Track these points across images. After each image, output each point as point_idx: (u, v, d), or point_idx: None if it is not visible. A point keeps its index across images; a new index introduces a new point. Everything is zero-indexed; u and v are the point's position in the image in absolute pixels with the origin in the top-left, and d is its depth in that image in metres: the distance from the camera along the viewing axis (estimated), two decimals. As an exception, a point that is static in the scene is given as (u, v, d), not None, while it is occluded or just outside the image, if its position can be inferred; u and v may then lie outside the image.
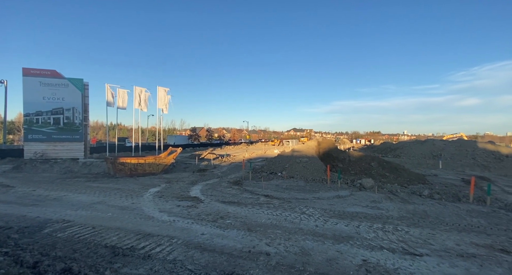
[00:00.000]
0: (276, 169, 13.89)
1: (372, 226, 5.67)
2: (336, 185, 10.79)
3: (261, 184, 10.67)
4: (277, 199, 8.22)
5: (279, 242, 4.60)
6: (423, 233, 5.32)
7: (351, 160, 15.07)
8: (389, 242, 4.73)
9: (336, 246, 4.52)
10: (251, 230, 5.25)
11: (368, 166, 14.38)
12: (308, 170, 13.15)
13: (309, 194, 9.19)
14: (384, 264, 3.81)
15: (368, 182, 10.52)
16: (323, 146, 16.61)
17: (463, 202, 8.29)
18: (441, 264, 3.84)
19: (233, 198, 8.21)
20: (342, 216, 6.44)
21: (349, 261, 3.91)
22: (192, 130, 60.69)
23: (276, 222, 5.86)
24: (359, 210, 7.07)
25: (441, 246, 4.60)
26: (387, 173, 13.23)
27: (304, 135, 79.59)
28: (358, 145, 53.57)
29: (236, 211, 6.68)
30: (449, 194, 9.08)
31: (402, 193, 9.47)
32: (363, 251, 4.30)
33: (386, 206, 7.57)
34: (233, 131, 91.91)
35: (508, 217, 6.73)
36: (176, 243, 4.53)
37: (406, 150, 26.17)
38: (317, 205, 7.53)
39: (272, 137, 79.65)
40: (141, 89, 19.32)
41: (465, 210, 7.27)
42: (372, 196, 8.97)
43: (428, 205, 7.85)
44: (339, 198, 8.54)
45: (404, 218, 6.40)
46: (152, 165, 13.64)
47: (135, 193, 8.91)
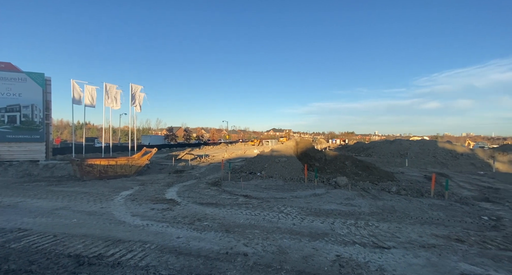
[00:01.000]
0: (255, 169, 13.93)
1: (345, 222, 5.93)
2: (313, 183, 11.13)
3: (240, 184, 10.62)
4: (256, 199, 8.23)
5: (257, 242, 4.60)
6: (391, 227, 5.69)
7: (327, 159, 15.65)
8: (361, 237, 4.99)
9: (312, 243, 4.64)
10: (229, 231, 5.19)
11: (343, 165, 15.06)
12: (286, 169, 13.39)
13: (287, 193, 9.36)
14: (356, 258, 4.00)
15: (342, 180, 11.01)
16: (301, 146, 17.03)
17: (425, 197, 9.03)
18: (406, 255, 4.14)
19: (211, 199, 8.06)
20: (318, 214, 6.65)
21: (324, 257, 4.04)
22: (169, 130, 58.55)
23: (255, 222, 5.86)
24: (334, 208, 7.36)
25: (406, 239, 4.96)
26: (360, 172, 13.96)
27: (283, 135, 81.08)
28: (334, 145, 55.91)
29: (214, 213, 6.56)
30: (414, 190, 9.84)
31: (373, 190, 10.05)
32: (337, 246, 4.48)
33: (359, 203, 7.97)
34: (212, 131, 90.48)
35: (462, 209, 7.47)
36: (150, 248, 4.31)
37: (377, 149, 27.90)
38: (295, 204, 7.68)
39: (252, 137, 79.99)
40: (112, 85, 18.15)
41: (427, 204, 7.92)
42: (346, 193, 9.40)
43: (395, 200, 8.42)
44: (315, 196, 8.81)
45: (375, 214, 6.79)
46: (125, 167, 12.89)
47: (105, 197, 8.34)
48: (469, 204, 8.03)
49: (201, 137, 72.87)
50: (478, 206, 7.84)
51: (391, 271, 3.59)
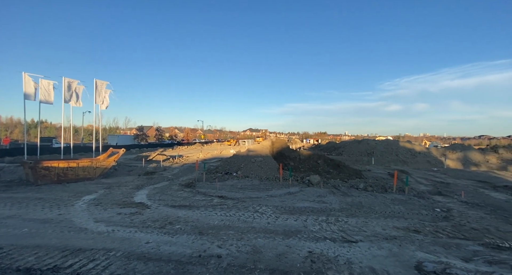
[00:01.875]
0: (231, 169, 13.82)
1: (317, 219, 6.16)
2: (287, 182, 11.38)
3: (215, 185, 10.43)
4: (231, 199, 8.16)
5: (231, 243, 4.55)
6: (358, 221, 6.05)
7: (301, 158, 16.14)
8: (331, 232, 5.22)
9: (286, 241, 4.73)
10: (202, 233, 5.06)
11: (316, 164, 15.66)
12: (262, 169, 13.50)
13: (263, 192, 9.43)
14: (327, 253, 4.17)
15: (315, 178, 11.43)
16: (276, 146, 17.32)
17: (389, 192, 9.78)
18: (371, 248, 4.43)
19: (184, 202, 7.79)
20: (292, 212, 6.81)
21: (296, 254, 4.14)
22: (139, 129, 55.30)
23: (229, 223, 5.79)
24: (307, 205, 7.60)
25: (372, 232, 5.31)
26: (331, 170, 14.65)
27: (259, 135, 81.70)
28: (308, 145, 57.91)
29: (187, 215, 6.34)
30: (379, 186, 10.61)
31: (343, 187, 10.61)
32: (309, 243, 4.62)
33: (330, 200, 8.34)
34: (186, 130, 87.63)
35: (419, 203, 8.24)
36: (115, 255, 4.01)
37: (347, 149, 29.55)
38: (270, 203, 7.77)
39: (228, 137, 79.25)
40: (73, 80, 16.56)
41: (390, 199, 8.59)
42: (318, 191, 9.77)
43: (363, 196, 8.98)
44: (290, 195, 9.02)
45: (344, 210, 7.16)
46: (88, 169, 11.85)
47: (64, 203, 7.57)
48: (425, 198, 8.89)
49: (175, 137, 70.17)
50: (432, 200, 8.71)
51: (358, 263, 3.81)
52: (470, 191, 10.37)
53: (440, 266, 3.67)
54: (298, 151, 19.10)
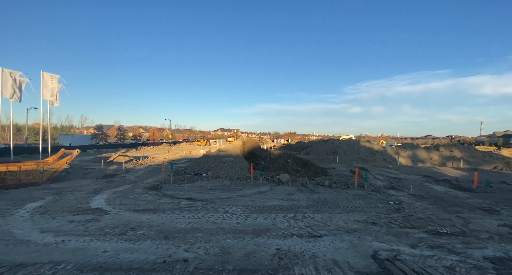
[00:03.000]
0: (201, 170, 13.44)
1: (286, 216, 6.33)
2: (258, 181, 11.49)
3: (183, 186, 10.03)
4: (200, 201, 7.93)
5: (199, 246, 4.41)
6: (323, 217, 6.39)
7: (271, 158, 16.45)
8: (299, 228, 5.41)
9: (255, 240, 4.76)
10: (168, 237, 4.81)
11: (285, 163, 16.12)
12: (233, 169, 13.42)
13: (234, 192, 9.37)
14: (294, 249, 4.31)
15: (285, 177, 11.76)
16: (247, 146, 17.37)
17: (351, 188, 10.53)
18: (334, 241, 4.71)
19: (149, 205, 7.33)
20: (262, 211, 6.89)
21: (265, 252, 4.19)
22: (98, 128, 50.51)
23: (198, 225, 5.62)
24: (276, 203, 7.77)
25: (335, 226, 5.65)
26: (300, 168, 15.22)
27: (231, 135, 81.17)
28: (278, 144, 59.37)
29: (151, 219, 5.97)
30: (342, 183, 11.35)
31: (310, 185, 11.10)
32: (278, 240, 4.73)
33: (298, 197, 8.66)
34: (152, 130, 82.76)
35: (377, 197, 9.04)
36: (64, 269, 3.58)
37: (314, 148, 31.05)
38: (240, 203, 7.75)
39: (199, 136, 76.81)
40: (12, 72, 14.39)
41: (351, 195, 9.25)
42: (287, 189, 10.07)
43: (328, 193, 9.51)
44: (260, 194, 9.12)
45: (311, 206, 7.50)
46: (33, 173, 10.41)
47: (1, 212, 6.52)
48: (381, 192, 9.77)
49: (139, 137, 65.71)
50: (387, 194, 9.62)
51: (322, 257, 4.01)
52: (417, 185, 11.71)
53: (392, 253, 4.07)
54: (269, 150, 19.44)
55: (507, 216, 6.81)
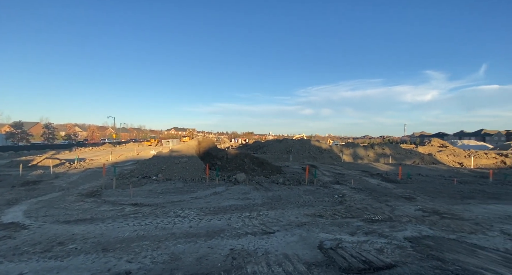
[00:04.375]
0: (150, 173, 12.40)
1: (241, 216, 6.35)
2: (214, 182, 11.24)
3: (128, 191, 9.07)
4: (149, 206, 7.29)
5: (144, 255, 4.03)
6: (277, 213, 6.64)
7: (228, 157, 16.31)
8: (253, 227, 5.49)
9: (208, 242, 4.62)
10: (107, 249, 4.25)
11: (242, 162, 16.21)
12: (187, 170, 12.80)
13: (187, 195, 8.93)
14: (247, 248, 4.34)
15: (241, 176, 11.82)
16: (203, 145, 16.82)
17: (302, 184, 11.25)
18: (286, 236, 4.93)
19: (84, 215, 6.37)
20: (217, 212, 6.74)
21: (218, 254, 4.10)
22: (16, 126, 41.56)
23: (144, 232, 5.14)
24: (232, 203, 7.72)
25: (287, 221, 5.94)
26: (256, 167, 15.52)
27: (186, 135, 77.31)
28: (236, 144, 59.43)
29: (86, 231, 5.19)
30: (295, 180, 12.04)
31: (265, 183, 11.42)
32: (232, 240, 4.69)
33: (253, 196, 8.80)
34: (91, 128, 72.48)
35: (324, 191, 9.88)
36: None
37: (270, 147, 32.15)
38: (194, 205, 7.43)
39: (149, 136, 70.34)
40: None
41: (302, 190, 9.89)
42: (244, 188, 10.13)
43: (281, 190, 9.95)
44: (216, 195, 8.92)
45: (265, 204, 7.71)
46: None
47: None
48: (327, 187, 10.73)
49: (74, 136, 56.67)
50: (333, 188, 10.63)
51: (274, 252, 4.15)
52: (357, 179, 13.29)
53: (335, 242, 4.49)
54: (226, 150, 19.24)
55: (421, 202, 8.31)
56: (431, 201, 8.43)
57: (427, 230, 5.42)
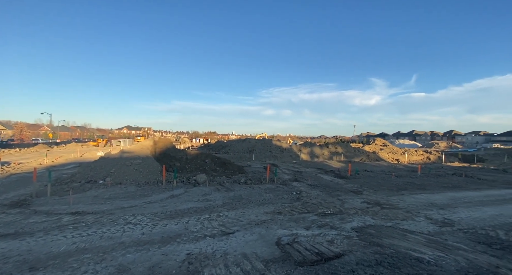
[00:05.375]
0: (96, 176, 11.04)
1: (200, 218, 6.13)
2: (172, 185, 10.62)
3: (68, 199, 7.91)
4: (93, 214, 6.47)
5: (85, 270, 3.55)
6: (237, 213, 6.62)
7: (188, 158, 15.63)
8: (212, 229, 5.36)
9: (163, 249, 4.32)
10: (36, 268, 3.61)
11: (203, 163, 15.72)
12: (141, 172, 11.81)
13: (140, 199, 8.23)
14: (205, 251, 4.21)
15: (202, 177, 11.44)
16: (160, 146, 15.75)
17: (263, 183, 11.48)
18: (245, 235, 4.95)
19: (6, 229, 5.30)
20: (173, 216, 6.37)
21: (173, 260, 3.88)
22: None
23: (86, 244, 4.53)
24: (191, 206, 7.41)
25: (247, 220, 5.97)
26: (218, 168, 15.23)
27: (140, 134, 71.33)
28: (197, 144, 57.40)
29: (8, 248, 4.32)
30: (256, 179, 12.22)
31: (227, 183, 11.30)
32: (189, 245, 4.49)
33: (214, 197, 8.61)
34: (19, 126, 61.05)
35: (283, 189, 10.26)
36: None
37: (233, 147, 32.02)
38: (148, 210, 6.89)
39: (95, 136, 62.11)
40: None
41: (263, 189, 10.09)
42: (204, 190, 9.83)
43: (243, 190, 9.97)
44: (173, 198, 8.44)
45: (226, 204, 7.62)
46: None
47: None
48: (287, 185, 11.19)
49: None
50: (291, 185, 11.13)
51: (233, 253, 4.12)
52: (313, 176, 14.20)
53: (292, 237, 4.69)
54: (185, 150, 18.40)
55: (366, 195, 9.33)
56: (374, 194, 9.54)
57: (370, 220, 6.11)
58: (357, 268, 3.59)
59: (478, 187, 11.55)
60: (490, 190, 10.90)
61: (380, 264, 3.71)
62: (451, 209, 7.44)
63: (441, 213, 6.96)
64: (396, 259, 3.88)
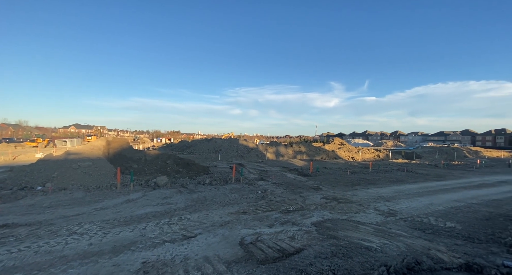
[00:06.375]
0: (33, 182, 9.52)
1: (159, 223, 5.75)
2: (128, 188, 9.77)
3: (-7, 209, 6.64)
4: (27, 226, 5.55)
5: (12, 294, 3.01)
6: (200, 215, 6.40)
7: (147, 159, 14.58)
8: (172, 233, 5.07)
9: (114, 259, 3.93)
10: None
11: (165, 164, 14.84)
12: (91, 176, 10.58)
13: (89, 206, 7.36)
14: (163, 257, 3.96)
15: (162, 179, 10.78)
16: (114, 146, 14.36)
17: (229, 183, 11.35)
18: (208, 238, 4.81)
19: None
20: (128, 222, 5.85)
21: (126, 271, 3.55)
22: None
23: (16, 262, 3.85)
24: (149, 210, 6.91)
25: (211, 222, 5.82)
26: (180, 169, 14.55)
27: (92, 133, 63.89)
28: (159, 144, 53.96)
29: None
30: (222, 179, 12.02)
31: (190, 185, 10.86)
32: (145, 252, 4.16)
33: (176, 200, 8.18)
34: None
35: (249, 188, 10.30)
36: None
37: (198, 147, 31.02)
38: (98, 218, 6.19)
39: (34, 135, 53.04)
40: None
41: (229, 189, 9.98)
42: (164, 193, 9.27)
43: (208, 191, 9.71)
44: (129, 203, 7.76)
45: (189, 207, 7.31)
46: None
47: None
48: (252, 184, 11.27)
49: None
50: (257, 185, 11.25)
51: (194, 257, 3.96)
52: (278, 175, 14.60)
53: (255, 236, 4.73)
54: (145, 151, 17.13)
55: (325, 191, 9.96)
56: (332, 190, 10.25)
57: (328, 214, 6.53)
58: (315, 261, 3.79)
59: (416, 180, 13.34)
60: (425, 183, 12.69)
61: (335, 255, 3.98)
62: (395, 201, 8.42)
63: (387, 205, 7.82)
64: (349, 249, 4.21)
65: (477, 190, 10.99)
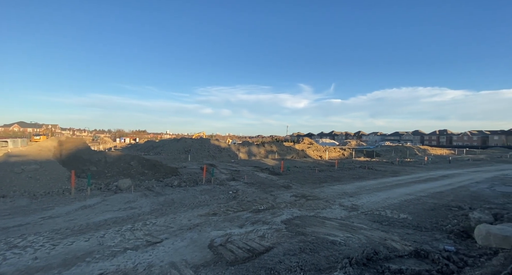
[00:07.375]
0: (-40, 189, 8.02)
1: (120, 230, 5.31)
2: (84, 193, 8.84)
3: None
4: (-50, 242, 4.64)
5: None
6: (167, 219, 6.08)
7: (107, 161, 13.40)
8: (135, 240, 4.72)
9: (64, 273, 3.50)
10: None
11: (128, 166, 13.81)
12: (39, 181, 9.33)
13: (35, 215, 6.46)
14: (124, 267, 3.65)
15: (125, 182, 10.00)
16: (67, 147, 12.89)
17: (199, 185, 11.01)
18: (175, 242, 4.58)
19: None
20: (83, 231, 5.28)
21: (79, 286, 3.18)
22: None
23: None
24: (109, 216, 6.33)
25: (178, 226, 5.56)
26: (146, 171, 13.68)
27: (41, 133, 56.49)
28: (122, 144, 50.04)
29: None
30: (191, 181, 11.60)
31: (157, 187, 10.27)
32: (103, 263, 3.79)
33: (140, 204, 7.65)
34: None
35: (220, 189, 10.13)
36: None
37: (166, 147, 29.56)
38: (46, 228, 5.47)
39: None
40: None
41: (199, 191, 9.68)
42: (127, 196, 8.61)
43: (176, 193, 9.28)
44: (85, 209, 7.02)
45: (155, 211, 6.89)
46: None
47: None
48: (224, 185, 11.11)
49: None
50: (228, 185, 11.12)
51: (159, 264, 3.73)
52: (250, 175, 14.65)
53: (225, 238, 4.65)
54: (105, 152, 15.72)
55: (295, 189, 10.28)
56: (301, 188, 10.62)
57: (297, 212, 6.74)
58: (284, 258, 3.86)
59: (375, 177, 14.57)
60: (383, 179, 13.92)
61: (303, 251, 4.12)
62: (357, 196, 9.07)
63: (350, 200, 8.38)
64: (316, 244, 4.39)
65: (424, 184, 12.42)
